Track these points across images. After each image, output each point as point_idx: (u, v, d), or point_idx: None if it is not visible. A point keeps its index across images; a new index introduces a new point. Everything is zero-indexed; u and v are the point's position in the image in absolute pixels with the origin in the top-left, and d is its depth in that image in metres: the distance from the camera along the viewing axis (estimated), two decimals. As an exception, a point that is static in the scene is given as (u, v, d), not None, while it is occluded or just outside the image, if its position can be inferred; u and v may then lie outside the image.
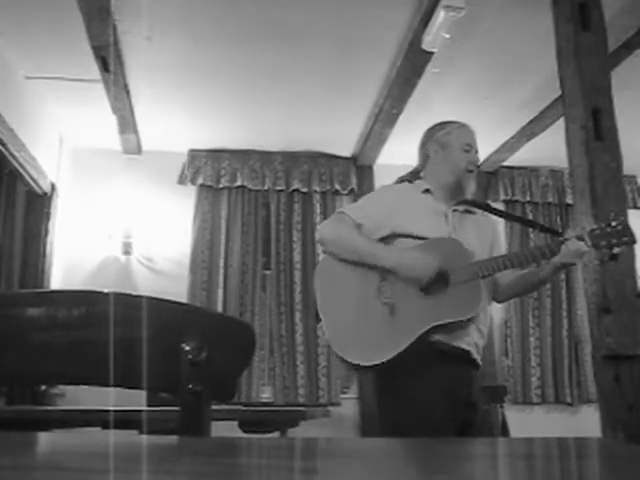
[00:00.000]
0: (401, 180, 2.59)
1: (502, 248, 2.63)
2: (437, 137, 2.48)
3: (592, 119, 2.90)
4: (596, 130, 2.90)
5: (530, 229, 5.88)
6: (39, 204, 5.08)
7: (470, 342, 2.30)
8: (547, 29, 3.22)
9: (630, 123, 3.53)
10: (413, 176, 2.56)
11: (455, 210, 2.45)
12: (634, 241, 2.29)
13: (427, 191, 2.46)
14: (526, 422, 5.19)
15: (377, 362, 2.25)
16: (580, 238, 2.25)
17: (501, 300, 2.54)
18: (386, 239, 2.39)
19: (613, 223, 2.27)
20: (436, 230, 2.36)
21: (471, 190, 2.48)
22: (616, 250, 2.28)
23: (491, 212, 2.61)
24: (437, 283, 2.27)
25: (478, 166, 2.50)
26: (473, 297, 2.26)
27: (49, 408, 3.93)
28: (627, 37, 3.90)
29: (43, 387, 4.51)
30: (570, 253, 2.24)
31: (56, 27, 3.91)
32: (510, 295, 2.54)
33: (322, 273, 2.45)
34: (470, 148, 2.46)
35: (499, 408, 3.61)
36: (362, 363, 2.30)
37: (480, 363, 2.37)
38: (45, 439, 0.97)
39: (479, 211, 2.54)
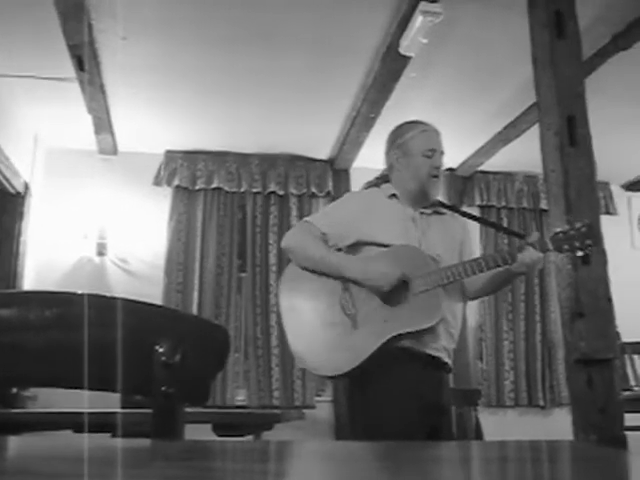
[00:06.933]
0: (369, 185, 2.58)
1: (472, 247, 2.60)
2: (398, 143, 2.44)
3: (566, 126, 2.93)
4: (570, 136, 2.92)
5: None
6: (12, 204, 5.02)
7: (439, 347, 2.29)
8: (524, 35, 3.24)
9: (604, 130, 3.58)
10: (381, 181, 2.54)
11: (422, 213, 2.43)
12: (597, 243, 2.26)
13: (394, 196, 2.44)
14: (499, 425, 5.21)
15: (337, 374, 2.27)
16: (533, 246, 2.21)
17: (472, 298, 2.52)
18: (351, 247, 2.38)
19: (577, 225, 2.23)
20: (403, 235, 2.34)
21: (436, 194, 2.44)
22: (579, 253, 2.24)
23: (457, 213, 2.60)
24: (398, 292, 2.26)
25: (452, 169, 2.49)
26: (432, 306, 2.24)
27: (20, 411, 3.88)
28: (601, 45, 3.95)
29: (14, 389, 4.45)
30: (524, 262, 2.21)
31: (31, 25, 3.85)
32: (480, 295, 2.52)
33: (286, 282, 2.43)
34: (432, 153, 2.39)
35: (473, 411, 3.63)
36: (322, 374, 2.33)
37: (452, 366, 2.38)
38: (15, 443, 0.96)
39: (447, 211, 2.53)
